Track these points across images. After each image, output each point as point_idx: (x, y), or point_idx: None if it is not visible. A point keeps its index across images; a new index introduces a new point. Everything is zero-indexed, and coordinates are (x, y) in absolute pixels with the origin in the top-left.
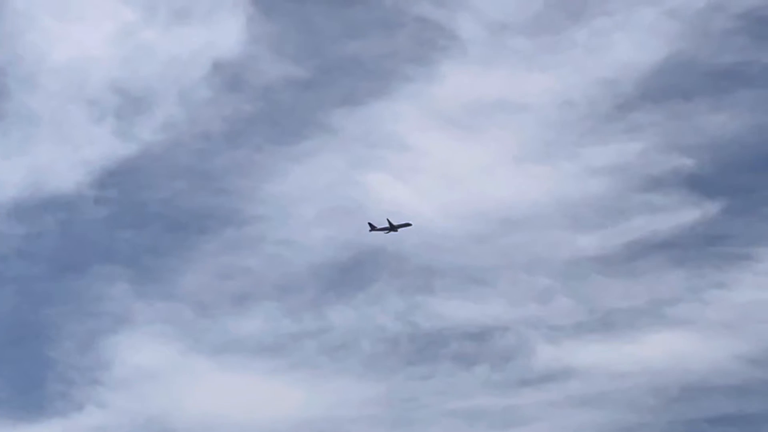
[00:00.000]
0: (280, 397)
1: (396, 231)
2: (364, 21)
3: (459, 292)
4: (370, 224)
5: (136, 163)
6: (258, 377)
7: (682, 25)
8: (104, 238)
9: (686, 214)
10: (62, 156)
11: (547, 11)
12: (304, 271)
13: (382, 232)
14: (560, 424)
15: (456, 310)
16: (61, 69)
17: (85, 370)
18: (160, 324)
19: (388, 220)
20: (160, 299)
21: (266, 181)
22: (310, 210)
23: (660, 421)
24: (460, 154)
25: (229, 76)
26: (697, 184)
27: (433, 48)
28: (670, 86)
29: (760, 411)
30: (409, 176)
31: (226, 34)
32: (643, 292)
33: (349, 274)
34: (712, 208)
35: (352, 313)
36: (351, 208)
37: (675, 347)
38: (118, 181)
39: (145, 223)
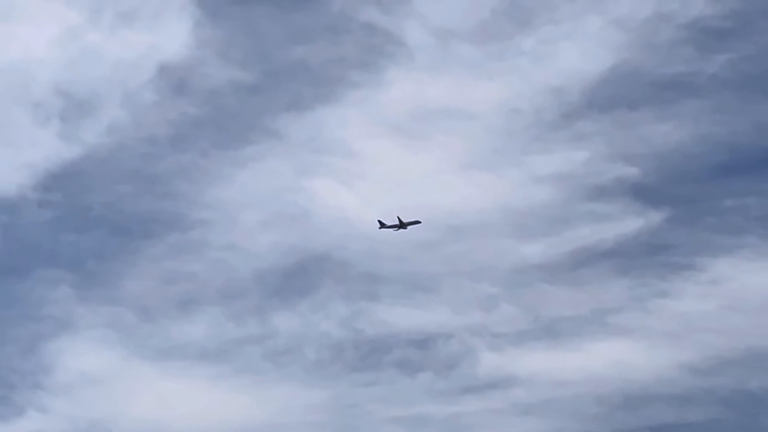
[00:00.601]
0: (224, 403)
1: (405, 228)
2: (310, 26)
3: (403, 299)
4: (379, 221)
5: (80, 167)
6: (201, 383)
7: (628, 35)
8: (47, 241)
9: (630, 223)
10: (5, 158)
11: (494, 19)
12: (248, 276)
13: (391, 230)
14: (503, 431)
15: (400, 317)
16: (4, 70)
17: (27, 374)
18: (103, 329)
19: (398, 217)
20: (103, 304)
21: (211, 185)
22: (255, 215)
23: (602, 429)
24: (406, 161)
25: (175, 80)
26: (642, 194)
27: (379, 54)
28: (615, 96)
29: (700, 420)
30: (355, 182)
31: (173, 37)
32: (587, 300)
33: (293, 281)
34: (655, 217)
35: (297, 320)
36: (296, 214)
37: (618, 356)
38: (62, 184)
39: (89, 226)
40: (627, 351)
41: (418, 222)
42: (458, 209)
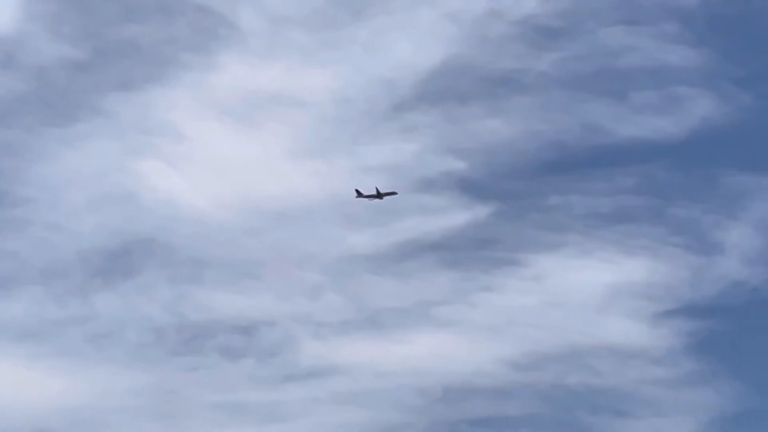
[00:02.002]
0: (42, 385)
1: (381, 198)
2: (143, 5)
3: (228, 284)
4: (357, 191)
5: None
6: (19, 363)
7: (460, 29)
8: None
9: (457, 216)
10: None
11: (327, 6)
12: (71, 257)
13: (367, 200)
14: (324, 420)
15: (224, 302)
16: None
17: None
18: None
19: (376, 188)
20: None
21: (36, 163)
22: (81, 195)
23: (423, 420)
24: (236, 146)
25: (1, 54)
26: (469, 188)
27: (212, 37)
28: (446, 89)
29: (519, 414)
30: (183, 166)
31: (0, 11)
32: (412, 292)
33: (117, 262)
34: (482, 212)
35: (119, 302)
36: (122, 195)
37: (440, 348)
38: None
39: None
40: (449, 343)
41: (394, 193)
42: (287, 196)
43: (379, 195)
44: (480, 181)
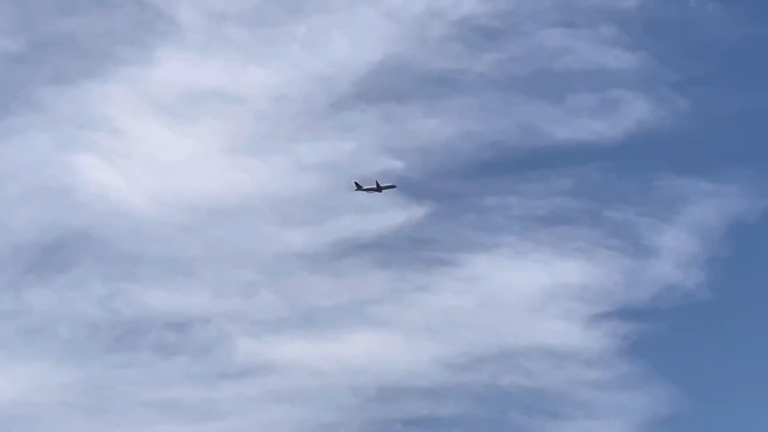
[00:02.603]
0: None
1: (380, 192)
2: None
3: (163, 281)
4: (356, 183)
5: None
6: None
7: (399, 28)
8: None
9: (393, 216)
10: None
11: (266, 3)
12: (4, 250)
13: (365, 192)
14: (258, 419)
15: (159, 299)
16: None
17: None
18: None
19: (376, 181)
20: None
21: None
22: (14, 189)
23: (357, 420)
24: (172, 141)
25: None
26: (406, 187)
27: (150, 32)
28: (384, 88)
29: (453, 414)
30: (119, 161)
31: None
32: (347, 291)
33: (51, 257)
34: (418, 211)
35: (52, 297)
36: (57, 190)
37: (375, 348)
38: None
39: None
40: (384, 343)
41: (393, 186)
42: (223, 193)
43: (378, 188)
44: (417, 181)
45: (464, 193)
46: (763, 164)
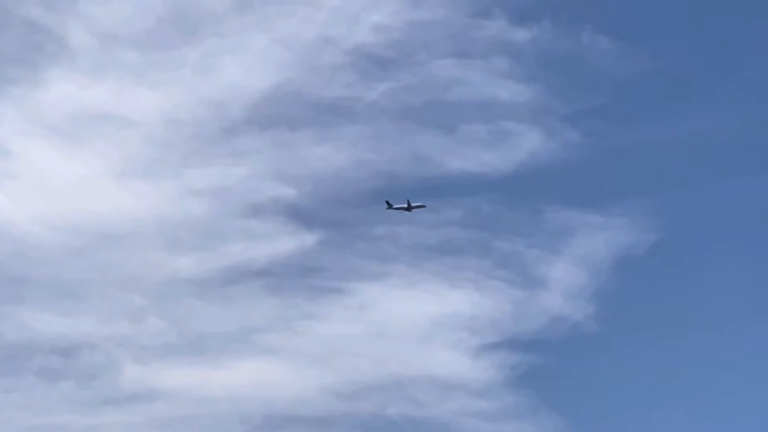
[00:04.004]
0: None
1: (410, 211)
2: None
3: (49, 305)
4: (387, 202)
5: None
6: None
7: (292, 55)
8: None
9: (284, 243)
10: None
11: (159, 27)
12: None
13: (396, 211)
14: None
15: (45, 323)
16: None
17: None
18: None
19: (407, 200)
20: None
21: None
22: None
23: None
24: (61, 164)
25: None
26: (296, 215)
27: (40, 53)
28: (276, 114)
29: None
30: (6, 182)
31: None
32: (236, 318)
33: None
34: (309, 239)
35: None
36: None
37: (263, 375)
38: None
39: None
40: (272, 371)
41: (423, 206)
42: (112, 217)
43: (409, 207)
44: (308, 209)
45: (355, 222)
46: (650, 198)
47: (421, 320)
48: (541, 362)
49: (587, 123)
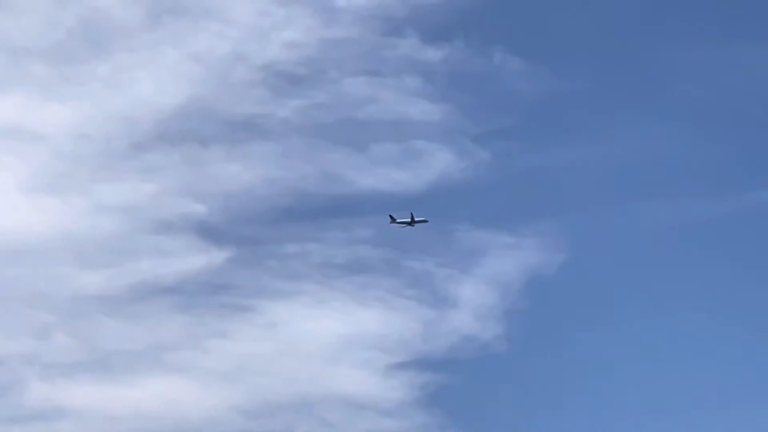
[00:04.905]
0: None
1: (413, 226)
2: None
3: None
4: (390, 216)
5: None
6: None
7: (204, 71)
8: None
9: (193, 260)
10: None
11: (69, 40)
12: None
13: (399, 226)
14: None
15: None
16: None
17: None
18: None
19: (411, 213)
20: None
21: None
22: None
23: None
24: None
25: None
26: (206, 232)
27: None
28: (187, 130)
29: None
30: None
31: None
32: (144, 335)
33: None
34: (218, 256)
35: None
36: None
37: (171, 393)
38: None
39: None
40: (180, 389)
41: (426, 221)
42: (18, 233)
43: (412, 222)
44: (218, 226)
45: (265, 240)
46: (560, 218)
47: (331, 339)
48: (450, 382)
49: (498, 143)
